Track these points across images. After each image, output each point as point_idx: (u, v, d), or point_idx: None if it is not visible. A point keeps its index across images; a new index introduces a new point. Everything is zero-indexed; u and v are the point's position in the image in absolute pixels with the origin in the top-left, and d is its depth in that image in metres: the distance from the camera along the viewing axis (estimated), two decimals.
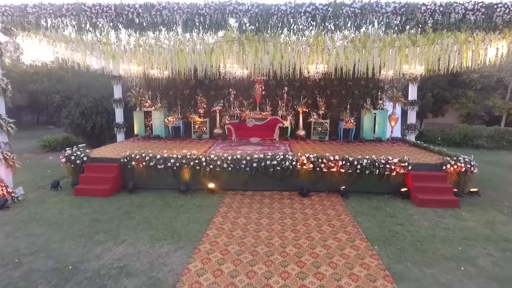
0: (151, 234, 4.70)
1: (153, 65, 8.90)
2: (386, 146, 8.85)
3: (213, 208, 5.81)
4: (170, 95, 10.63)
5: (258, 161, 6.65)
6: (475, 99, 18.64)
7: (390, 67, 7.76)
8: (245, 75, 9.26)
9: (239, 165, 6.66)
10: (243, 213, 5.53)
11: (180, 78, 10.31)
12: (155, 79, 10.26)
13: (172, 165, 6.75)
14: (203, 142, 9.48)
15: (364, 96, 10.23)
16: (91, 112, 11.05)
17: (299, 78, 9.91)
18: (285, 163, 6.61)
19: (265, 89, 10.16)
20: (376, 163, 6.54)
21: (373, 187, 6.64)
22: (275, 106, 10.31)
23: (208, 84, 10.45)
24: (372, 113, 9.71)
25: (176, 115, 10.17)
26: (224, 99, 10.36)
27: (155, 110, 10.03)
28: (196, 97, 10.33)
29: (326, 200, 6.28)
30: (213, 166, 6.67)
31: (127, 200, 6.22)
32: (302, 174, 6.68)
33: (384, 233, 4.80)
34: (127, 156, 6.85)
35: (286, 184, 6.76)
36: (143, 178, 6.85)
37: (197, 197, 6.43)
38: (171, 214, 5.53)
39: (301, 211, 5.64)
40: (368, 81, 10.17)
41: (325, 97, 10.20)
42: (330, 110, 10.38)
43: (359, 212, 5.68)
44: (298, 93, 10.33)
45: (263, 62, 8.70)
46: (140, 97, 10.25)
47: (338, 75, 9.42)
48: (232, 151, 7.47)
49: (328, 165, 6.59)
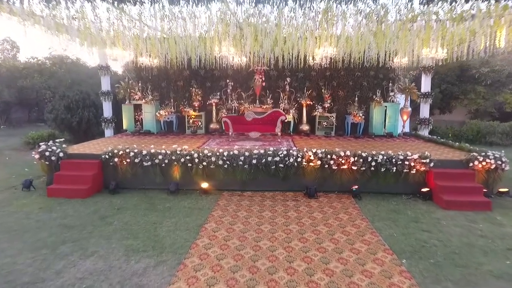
0: (128, 244, 3.87)
1: (141, 52, 8.11)
2: (399, 142, 8.02)
3: (206, 211, 4.98)
4: (162, 87, 9.80)
5: (258, 158, 5.83)
6: (484, 95, 17.83)
7: (406, 51, 6.97)
8: (244, 64, 8.44)
9: (236, 162, 5.84)
10: (241, 218, 4.71)
11: (173, 68, 9.50)
12: (145, 69, 9.44)
13: (160, 162, 5.92)
14: (197, 137, 8.66)
15: (374, 88, 9.41)
16: (77, 106, 10.22)
17: (302, 67, 9.09)
18: (289, 160, 5.78)
19: (266, 80, 9.34)
20: (393, 159, 5.72)
21: (389, 187, 5.82)
22: (276, 99, 9.49)
23: (203, 75, 9.62)
24: (383, 106, 8.89)
25: (168, 109, 9.35)
26: (221, 91, 9.53)
27: (145, 103, 9.21)
28: (191, 89, 9.50)
29: (337, 201, 5.46)
30: (206, 163, 5.85)
31: (107, 202, 5.39)
32: (308, 172, 5.86)
33: (410, 242, 3.98)
34: (108, 152, 6.02)
35: (290, 183, 5.94)
36: (127, 177, 6.02)
37: (188, 198, 5.61)
38: (156, 218, 4.70)
39: (309, 215, 4.81)
40: (378, 71, 9.35)
41: (331, 89, 9.38)
42: (337, 103, 9.56)
43: (376, 216, 4.86)
44: (301, 85, 9.50)
45: (264, 46, 7.90)
46: (130, 89, 9.42)
47: (345, 64, 8.63)
48: (228, 147, 6.66)
49: (338, 162, 5.77)
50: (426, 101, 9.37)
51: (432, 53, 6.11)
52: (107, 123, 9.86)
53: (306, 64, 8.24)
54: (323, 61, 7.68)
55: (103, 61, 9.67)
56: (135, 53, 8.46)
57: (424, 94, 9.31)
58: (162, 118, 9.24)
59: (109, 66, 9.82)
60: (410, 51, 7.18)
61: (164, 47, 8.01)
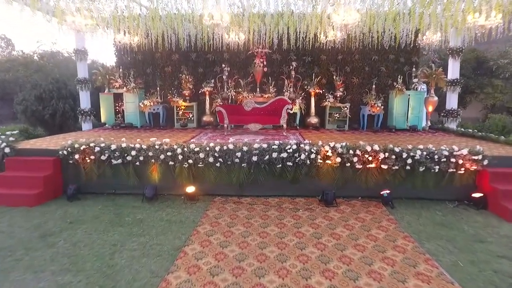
0: (64, 283, 2.55)
1: (119, 29, 6.80)
2: (426, 137, 6.70)
3: (190, 225, 3.66)
4: (147, 74, 8.46)
5: (260, 153, 4.51)
6: (502, 89, 16.52)
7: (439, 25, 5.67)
8: (242, 46, 7.12)
9: (231, 160, 4.51)
10: (236, 236, 3.38)
11: (160, 51, 8.20)
12: (127, 52, 8.12)
13: (133, 160, 4.60)
14: (187, 131, 7.34)
15: (393, 74, 8.09)
16: (50, 96, 8.88)
17: (310, 50, 7.82)
18: (300, 157, 4.46)
19: (268, 65, 8.02)
20: (435, 156, 4.40)
21: (428, 191, 4.52)
22: (280, 87, 8.16)
23: (195, 59, 8.29)
24: (405, 95, 7.56)
25: (154, 98, 8.02)
26: (215, 78, 8.21)
27: (127, 91, 7.87)
28: (180, 75, 8.17)
29: (363, 211, 4.14)
30: (193, 161, 4.52)
31: (60, 213, 4.07)
32: (324, 173, 4.54)
33: (489, 278, 2.65)
34: (67, 147, 4.69)
35: (301, 186, 4.63)
36: (92, 178, 4.70)
37: (168, 206, 4.29)
38: (119, 237, 3.38)
39: (330, 232, 3.49)
40: (398, 55, 8.03)
41: (344, 75, 8.05)
42: (350, 92, 8.23)
43: (423, 232, 3.54)
44: (309, 71, 8.18)
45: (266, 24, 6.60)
46: (109, 76, 8.09)
47: (360, 47, 7.34)
48: (222, 141, 5.35)
49: (363, 159, 4.45)
50: (455, 90, 8.05)
51: (481, 19, 4.77)
52: (85, 115, 8.55)
53: (316, 45, 6.96)
54: (336, 39, 6.36)
55: (80, 43, 8.36)
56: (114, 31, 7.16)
57: (452, 82, 7.99)
58: (147, 110, 7.91)
59: (86, 50, 8.49)
60: (444, 23, 5.89)
61: (146, 23, 6.70)
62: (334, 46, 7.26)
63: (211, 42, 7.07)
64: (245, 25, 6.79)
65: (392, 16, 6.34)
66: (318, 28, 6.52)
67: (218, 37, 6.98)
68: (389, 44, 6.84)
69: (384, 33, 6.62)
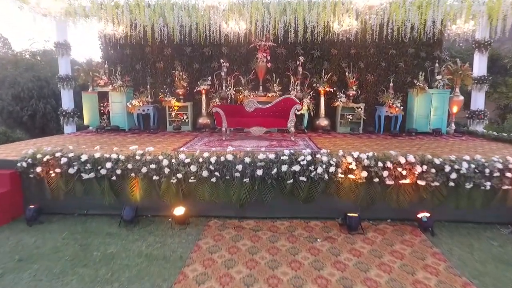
0: None
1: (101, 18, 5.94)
2: (455, 142, 5.83)
3: (175, 265, 2.77)
4: (137, 70, 7.57)
5: (266, 166, 3.62)
6: None
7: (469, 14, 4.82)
8: (242, 38, 6.24)
9: (230, 173, 3.63)
10: (237, 283, 2.49)
11: (150, 44, 7.32)
12: (114, 46, 7.25)
13: (108, 174, 3.71)
14: (180, 135, 6.45)
15: (413, 70, 7.21)
16: (30, 95, 8.00)
17: (320, 43, 6.94)
18: (316, 170, 3.57)
19: (272, 60, 7.14)
20: (486, 169, 3.52)
21: (475, 212, 3.64)
22: (285, 85, 7.28)
23: (190, 54, 7.40)
24: (428, 94, 6.67)
25: (144, 98, 7.13)
26: (212, 75, 7.32)
27: (113, 90, 6.97)
28: (173, 72, 7.28)
29: (398, 240, 3.26)
30: (183, 175, 3.64)
31: (13, 243, 3.19)
32: (346, 190, 3.66)
33: None
34: (28, 157, 3.80)
35: (316, 206, 3.74)
36: (58, 196, 3.81)
37: (151, 233, 3.40)
38: (77, 285, 2.49)
39: (362, 277, 2.60)
40: (418, 48, 7.15)
41: (358, 72, 7.16)
42: (364, 90, 7.35)
43: (485, 275, 2.65)
44: (318, 66, 7.30)
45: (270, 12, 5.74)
46: (92, 72, 7.19)
47: (375, 39, 6.45)
48: (220, 149, 4.46)
49: (395, 173, 3.56)
50: (481, 88, 7.19)
51: None
52: (67, 117, 7.67)
53: (327, 37, 6.10)
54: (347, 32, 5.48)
55: (61, 36, 7.48)
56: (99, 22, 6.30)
57: (479, 79, 7.13)
58: (135, 111, 7.02)
59: (68, 44, 7.61)
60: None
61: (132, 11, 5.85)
62: (347, 39, 6.38)
63: (208, 33, 6.21)
64: (246, 13, 5.93)
65: (417, 3, 5.47)
66: (331, 16, 5.66)
67: (216, 28, 6.12)
68: (409, 36, 6.00)
69: (407, 22, 5.78)
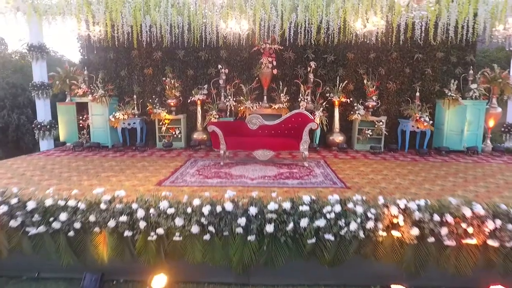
0: None
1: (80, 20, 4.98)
2: (500, 165, 4.85)
3: None
4: (122, 77, 6.55)
5: (280, 219, 2.63)
6: None
7: None
8: (244, 40, 5.24)
9: (229, 227, 2.64)
10: None
11: (136, 47, 6.33)
12: (95, 50, 6.27)
13: (64, 228, 2.73)
14: (171, 156, 5.46)
15: (441, 77, 6.23)
16: (1, 105, 7.00)
17: (334, 46, 5.95)
18: (349, 226, 2.58)
19: (278, 65, 6.14)
20: None
21: None
22: (294, 95, 6.30)
23: (183, 58, 6.40)
24: (462, 106, 5.68)
25: (130, 110, 6.13)
26: (209, 83, 6.33)
27: (94, 100, 5.97)
28: (164, 79, 6.26)
29: None
30: (165, 230, 2.65)
31: None
32: (387, 250, 2.67)
33: None
34: None
35: (345, 272, 2.76)
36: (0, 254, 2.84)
37: None
38: None
39: None
40: (448, 52, 6.15)
41: (378, 79, 6.16)
42: (385, 101, 6.35)
43: None
44: (331, 73, 6.30)
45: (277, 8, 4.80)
46: (70, 79, 6.20)
47: (399, 41, 5.48)
48: (217, 181, 3.49)
49: (457, 231, 2.58)
50: None
51: None
52: (43, 130, 6.68)
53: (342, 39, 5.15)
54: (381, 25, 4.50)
55: (34, 37, 6.50)
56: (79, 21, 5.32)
57: None
58: (119, 125, 6.02)
59: (44, 46, 6.62)
60: None
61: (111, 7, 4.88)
62: (365, 41, 5.40)
63: (204, 34, 5.24)
64: (248, 10, 4.94)
65: None
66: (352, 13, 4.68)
67: (213, 28, 5.14)
68: (440, 38, 5.06)
69: (441, 20, 4.82)
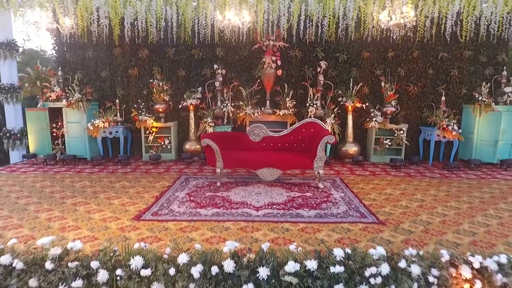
0: None
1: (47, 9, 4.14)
2: None
3: None
4: (103, 78, 5.69)
5: (302, 284, 1.83)
6: None
7: None
8: (244, 37, 4.41)
9: None
10: None
11: (121, 44, 5.49)
12: (72, 47, 5.44)
13: None
14: (158, 171, 4.63)
15: (469, 79, 5.47)
16: None
17: (347, 43, 5.18)
18: None
19: (283, 66, 5.33)
20: None
21: None
22: (301, 99, 5.49)
23: (173, 57, 5.55)
24: (496, 112, 4.93)
25: (111, 116, 5.28)
26: (204, 86, 5.50)
27: (69, 106, 5.11)
28: (151, 81, 5.42)
29: None
30: None
31: None
32: None
33: None
34: None
35: None
36: None
37: None
38: None
39: None
40: (477, 51, 5.39)
41: (397, 81, 5.38)
42: (405, 106, 5.57)
43: None
44: (344, 74, 5.50)
45: None
46: (41, 82, 5.33)
47: (422, 38, 4.73)
48: (214, 210, 2.66)
49: None
50: None
51: None
52: (13, 139, 5.84)
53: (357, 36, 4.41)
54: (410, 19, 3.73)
55: (3, 33, 5.67)
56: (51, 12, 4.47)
57: None
58: (99, 134, 5.17)
59: (14, 43, 5.78)
60: None
61: None
62: (383, 38, 4.64)
63: (197, 29, 4.44)
64: (250, 0, 4.15)
65: None
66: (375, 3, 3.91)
67: (208, 22, 4.34)
68: (467, 35, 4.34)
69: (473, 13, 4.12)
